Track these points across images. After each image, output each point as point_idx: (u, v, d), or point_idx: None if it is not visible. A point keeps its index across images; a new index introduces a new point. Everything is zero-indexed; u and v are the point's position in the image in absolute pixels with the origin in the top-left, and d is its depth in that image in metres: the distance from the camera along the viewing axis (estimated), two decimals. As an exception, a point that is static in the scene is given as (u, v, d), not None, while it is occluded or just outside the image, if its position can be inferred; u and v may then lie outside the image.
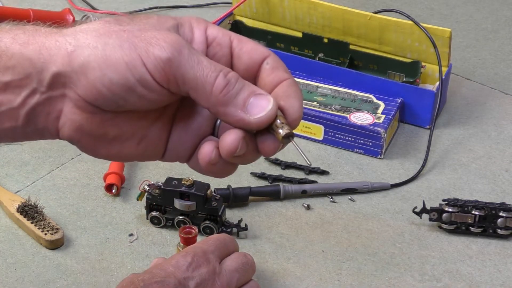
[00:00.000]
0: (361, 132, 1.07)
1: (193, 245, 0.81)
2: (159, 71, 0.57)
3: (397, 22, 1.13)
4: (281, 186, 0.99)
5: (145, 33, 0.57)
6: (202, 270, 0.75)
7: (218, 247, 0.80)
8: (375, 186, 1.02)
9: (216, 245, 0.80)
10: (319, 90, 1.13)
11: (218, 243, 0.80)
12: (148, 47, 0.56)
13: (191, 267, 0.75)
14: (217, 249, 0.79)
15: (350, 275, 0.90)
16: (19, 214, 0.93)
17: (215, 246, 0.79)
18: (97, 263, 0.89)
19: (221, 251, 0.80)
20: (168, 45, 0.56)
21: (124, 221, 0.95)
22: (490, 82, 1.25)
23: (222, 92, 0.57)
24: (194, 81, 0.57)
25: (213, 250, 0.79)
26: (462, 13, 1.43)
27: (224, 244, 0.81)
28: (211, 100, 0.57)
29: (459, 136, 1.13)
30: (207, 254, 0.77)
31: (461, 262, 0.92)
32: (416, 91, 1.12)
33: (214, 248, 0.79)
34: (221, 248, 0.80)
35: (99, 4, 1.39)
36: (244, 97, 0.57)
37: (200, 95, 0.57)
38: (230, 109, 0.57)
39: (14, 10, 1.11)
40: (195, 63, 0.57)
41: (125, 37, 0.57)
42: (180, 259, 0.76)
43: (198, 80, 0.57)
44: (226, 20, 1.23)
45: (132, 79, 0.57)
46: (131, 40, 0.57)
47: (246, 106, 0.57)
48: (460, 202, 0.95)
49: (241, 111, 0.57)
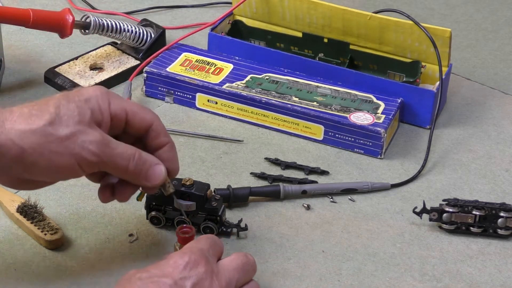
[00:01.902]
0: (361, 132, 1.07)
1: (189, 244, 0.81)
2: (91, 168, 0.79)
3: (397, 22, 1.13)
4: (281, 186, 0.99)
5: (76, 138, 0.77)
6: (200, 270, 0.76)
7: (212, 246, 0.80)
8: (375, 186, 1.02)
9: (209, 244, 0.80)
10: (319, 90, 1.13)
11: (211, 241, 0.81)
12: (82, 154, 0.77)
13: (189, 266, 0.75)
14: (211, 248, 0.80)
15: (350, 275, 0.90)
16: (19, 214, 0.93)
17: (209, 245, 0.80)
18: (97, 263, 0.89)
19: (214, 250, 0.80)
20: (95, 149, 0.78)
21: (124, 221, 0.95)
22: (490, 82, 1.25)
23: (132, 172, 0.81)
24: (115, 167, 0.80)
25: (208, 248, 0.79)
26: (462, 13, 1.43)
27: (215, 243, 0.81)
28: (126, 176, 0.81)
29: (459, 136, 1.13)
30: (204, 252, 0.78)
31: (461, 262, 0.92)
32: (416, 91, 1.12)
33: (208, 246, 0.79)
34: (214, 247, 0.81)
35: (99, 4, 1.39)
36: (145, 170, 0.82)
37: (117, 174, 0.81)
38: (139, 180, 0.82)
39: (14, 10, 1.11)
40: (115, 156, 0.79)
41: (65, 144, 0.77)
42: (177, 259, 0.76)
43: (118, 166, 0.80)
44: (226, 20, 1.23)
45: (70, 176, 0.81)
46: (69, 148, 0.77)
47: (148, 177, 0.82)
48: (460, 202, 0.95)
49: (145, 180, 0.82)
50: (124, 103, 0.82)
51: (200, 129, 1.11)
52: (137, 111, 0.82)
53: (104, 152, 0.78)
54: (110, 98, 0.81)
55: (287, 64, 1.17)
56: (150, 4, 1.39)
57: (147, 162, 0.82)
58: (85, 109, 0.78)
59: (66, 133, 0.77)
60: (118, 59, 1.22)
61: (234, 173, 1.04)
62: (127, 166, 0.80)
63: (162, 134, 0.83)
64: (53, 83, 1.18)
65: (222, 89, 1.12)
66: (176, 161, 0.85)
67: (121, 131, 0.82)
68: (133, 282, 0.74)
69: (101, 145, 0.78)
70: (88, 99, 0.79)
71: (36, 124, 0.77)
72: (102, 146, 0.78)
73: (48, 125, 0.77)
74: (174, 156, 0.85)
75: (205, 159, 1.06)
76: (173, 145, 0.85)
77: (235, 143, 1.09)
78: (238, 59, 1.18)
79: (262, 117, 1.11)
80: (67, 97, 0.79)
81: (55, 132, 0.77)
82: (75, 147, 0.77)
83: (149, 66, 1.16)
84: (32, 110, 0.78)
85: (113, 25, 1.19)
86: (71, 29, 1.14)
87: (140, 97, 1.17)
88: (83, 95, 0.80)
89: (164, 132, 0.84)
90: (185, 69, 1.15)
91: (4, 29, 1.22)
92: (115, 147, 0.79)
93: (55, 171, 0.78)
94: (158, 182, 0.83)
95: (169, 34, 1.27)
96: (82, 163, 0.78)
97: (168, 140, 0.84)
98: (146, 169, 0.82)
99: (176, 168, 0.85)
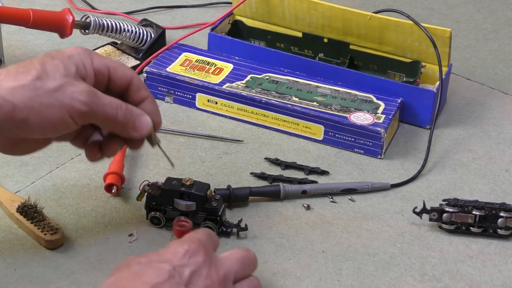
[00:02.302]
0: (361, 132, 1.07)
1: (188, 234, 0.81)
2: (82, 119, 0.81)
3: (397, 22, 1.13)
4: (281, 186, 0.99)
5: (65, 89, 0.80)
6: (198, 258, 0.76)
7: (209, 238, 0.80)
8: (375, 186, 1.02)
9: (206, 235, 0.80)
10: (319, 90, 1.13)
11: (207, 233, 0.81)
12: (72, 104, 0.79)
13: (188, 254, 0.76)
14: (208, 239, 0.80)
15: (350, 275, 0.90)
16: (19, 214, 0.93)
17: (207, 236, 0.80)
18: (97, 263, 0.89)
19: (211, 242, 0.80)
20: (85, 99, 0.80)
21: (124, 221, 0.95)
22: (490, 82, 1.25)
23: (121, 121, 0.83)
24: (105, 117, 0.82)
25: (206, 239, 0.79)
26: (462, 13, 1.43)
27: (212, 235, 0.82)
28: (115, 126, 0.84)
29: (459, 136, 1.13)
30: (203, 242, 0.78)
31: (462, 262, 0.92)
32: (416, 91, 1.12)
33: (206, 237, 0.80)
34: (211, 239, 0.81)
35: (99, 4, 1.39)
36: (133, 120, 0.84)
37: (106, 124, 0.84)
38: (127, 130, 0.85)
39: (14, 10, 1.11)
40: (104, 105, 0.82)
41: (54, 96, 0.79)
42: (177, 246, 0.77)
43: (107, 116, 0.82)
44: (226, 20, 1.23)
45: (62, 130, 0.82)
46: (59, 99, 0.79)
47: (136, 127, 0.85)
48: (460, 202, 0.95)
49: (133, 130, 0.85)
50: (105, 59, 0.85)
51: (200, 129, 1.11)
52: (117, 67, 0.85)
53: (93, 102, 0.81)
54: (91, 55, 0.84)
55: (287, 64, 1.17)
56: (150, 4, 1.39)
57: (133, 111, 0.84)
58: (69, 64, 0.81)
59: (54, 86, 0.79)
60: (118, 59, 1.22)
61: (234, 173, 1.04)
62: (116, 115, 0.83)
63: (143, 88, 0.87)
64: (53, 83, 1.17)
65: (222, 89, 1.12)
66: (158, 114, 0.88)
67: (104, 88, 0.85)
68: (132, 266, 0.74)
69: (90, 94, 0.81)
70: (71, 55, 0.82)
71: (25, 80, 0.79)
72: (91, 95, 0.81)
73: (36, 79, 0.79)
74: (156, 108, 0.87)
75: (205, 159, 1.06)
76: (154, 99, 0.88)
77: (235, 143, 1.09)
78: (238, 59, 1.18)
79: (262, 117, 1.11)
80: (51, 55, 0.82)
81: (43, 85, 0.79)
82: (65, 98, 0.79)
83: (149, 66, 1.16)
84: (18, 68, 0.80)
85: (113, 25, 1.19)
86: (71, 29, 1.14)
87: (140, 97, 1.16)
88: (66, 53, 0.82)
89: (144, 86, 0.87)
90: (185, 69, 1.15)
91: (4, 29, 1.22)
92: (103, 97, 0.82)
93: (47, 125, 0.80)
94: (145, 131, 0.85)
95: (169, 34, 1.27)
96: (73, 114, 0.80)
97: (148, 94, 0.87)
98: (133, 119, 0.84)
99: (159, 120, 0.88)
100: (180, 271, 0.74)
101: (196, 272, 0.75)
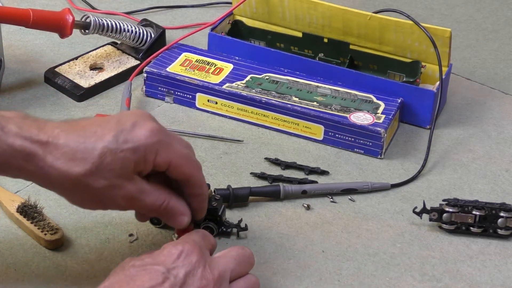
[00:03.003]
0: (361, 132, 1.07)
1: (182, 236, 0.82)
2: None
3: (397, 22, 1.13)
4: (281, 186, 0.99)
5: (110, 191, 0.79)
6: (193, 259, 0.76)
7: (203, 238, 0.81)
8: (375, 186, 1.02)
9: (201, 236, 0.81)
10: (319, 90, 1.13)
11: (202, 234, 0.82)
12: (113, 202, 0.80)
13: (182, 256, 0.76)
14: (203, 240, 0.80)
15: (350, 275, 0.90)
16: (19, 214, 0.93)
17: (201, 237, 0.81)
18: (97, 263, 0.89)
19: (206, 242, 0.81)
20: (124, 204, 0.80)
21: (124, 221, 0.95)
22: (490, 82, 1.25)
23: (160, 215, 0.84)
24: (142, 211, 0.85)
25: (200, 240, 0.80)
26: (462, 13, 1.43)
27: (206, 236, 0.83)
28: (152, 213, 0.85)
29: (459, 136, 1.13)
30: (197, 243, 0.78)
31: (462, 262, 0.92)
32: (416, 91, 1.12)
33: (201, 238, 0.80)
34: (206, 239, 0.82)
35: (99, 4, 1.39)
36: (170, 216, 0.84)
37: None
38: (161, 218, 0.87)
39: (14, 10, 1.11)
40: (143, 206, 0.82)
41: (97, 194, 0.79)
42: (171, 248, 0.77)
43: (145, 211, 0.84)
44: (226, 20, 1.23)
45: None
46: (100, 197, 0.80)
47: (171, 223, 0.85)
48: (460, 202, 0.95)
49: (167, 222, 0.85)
50: (171, 154, 0.80)
51: (200, 129, 1.11)
52: (180, 165, 0.81)
53: (132, 205, 0.81)
54: (158, 148, 0.79)
55: (287, 64, 1.17)
56: (150, 4, 1.39)
57: (173, 210, 0.83)
58: (129, 161, 0.78)
59: (101, 186, 0.78)
60: (118, 59, 1.22)
61: (234, 173, 1.04)
62: (156, 211, 0.83)
63: (198, 187, 0.84)
64: (53, 83, 1.18)
65: (222, 89, 1.12)
66: (203, 211, 0.87)
67: None
68: (126, 269, 0.75)
69: (132, 199, 0.80)
70: (136, 148, 0.78)
71: (77, 171, 0.77)
72: (133, 200, 0.80)
73: (88, 175, 0.77)
74: (203, 207, 0.86)
75: (205, 159, 1.06)
76: (206, 197, 0.86)
77: (235, 143, 1.09)
78: (238, 59, 1.18)
79: (262, 117, 1.11)
80: (116, 141, 0.78)
81: (92, 183, 0.78)
82: (105, 198, 0.79)
83: (149, 66, 1.16)
84: (77, 149, 0.77)
85: (113, 25, 1.19)
86: (71, 29, 1.14)
87: (140, 97, 1.17)
88: (133, 141, 0.78)
89: (201, 184, 0.84)
90: (185, 69, 1.15)
91: (4, 29, 1.22)
92: (145, 198, 0.81)
93: (80, 206, 0.82)
94: (179, 228, 0.85)
95: (169, 34, 1.27)
96: (108, 208, 0.82)
97: (202, 192, 0.85)
98: (172, 217, 0.84)
99: (201, 217, 0.88)
100: (174, 273, 0.75)
101: (191, 273, 0.75)
